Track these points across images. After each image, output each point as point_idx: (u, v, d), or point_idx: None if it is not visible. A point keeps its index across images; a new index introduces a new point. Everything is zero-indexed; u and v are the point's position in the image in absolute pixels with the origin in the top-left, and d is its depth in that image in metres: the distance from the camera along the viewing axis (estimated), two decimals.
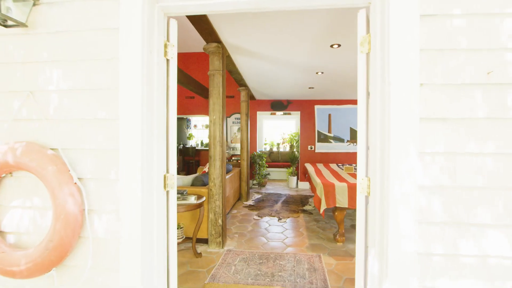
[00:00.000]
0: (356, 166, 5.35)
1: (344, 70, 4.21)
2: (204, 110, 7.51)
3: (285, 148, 9.07)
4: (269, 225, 4.09)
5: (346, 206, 3.04)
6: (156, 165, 1.42)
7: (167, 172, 1.56)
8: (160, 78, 1.46)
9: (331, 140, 6.97)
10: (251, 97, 6.67)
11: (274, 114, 8.60)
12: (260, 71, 4.37)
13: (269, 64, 3.99)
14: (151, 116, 1.41)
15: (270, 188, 6.97)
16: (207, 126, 9.21)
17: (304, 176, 5.80)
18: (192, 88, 6.34)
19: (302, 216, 4.55)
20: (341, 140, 6.95)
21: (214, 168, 3.18)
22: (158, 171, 1.45)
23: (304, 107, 7.08)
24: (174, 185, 1.61)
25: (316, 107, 7.01)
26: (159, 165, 1.45)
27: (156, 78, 1.41)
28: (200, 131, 9.56)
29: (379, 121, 1.26)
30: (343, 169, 4.85)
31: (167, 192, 1.58)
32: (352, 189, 3.04)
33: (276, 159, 8.74)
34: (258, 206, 5.12)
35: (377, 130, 1.27)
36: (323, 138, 6.99)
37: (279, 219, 4.36)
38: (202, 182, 3.59)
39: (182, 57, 7.58)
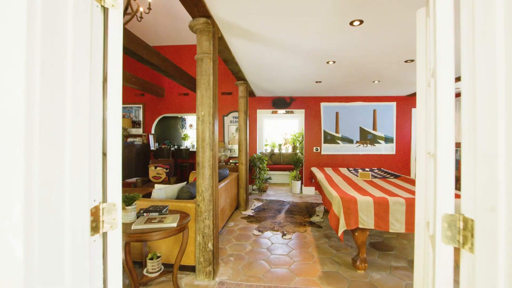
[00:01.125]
0: (373, 172, 4.66)
1: (361, 57, 3.53)
2: None
3: (287, 149, 8.39)
4: (272, 243, 3.41)
5: (372, 227, 2.35)
6: (75, 190, 0.73)
7: (104, 200, 0.88)
8: (86, 40, 0.77)
9: (339, 141, 6.28)
10: (250, 93, 5.99)
11: (276, 112, 7.91)
12: (261, 61, 3.68)
13: (271, 51, 3.31)
14: (60, 102, 0.71)
15: (271, 194, 6.28)
16: None
17: (310, 181, 5.13)
18: (185, 83, 5.66)
19: (310, 230, 3.86)
20: (350, 141, 6.26)
21: (203, 178, 2.49)
22: (79, 200, 0.75)
23: (309, 105, 6.39)
24: (117, 222, 0.92)
25: (322, 104, 6.33)
26: (80, 189, 0.75)
27: (73, 38, 0.72)
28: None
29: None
30: (357, 175, 4.16)
31: (104, 235, 0.90)
32: (379, 205, 2.35)
33: (278, 162, 8.05)
34: (258, 217, 4.44)
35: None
36: (330, 139, 6.30)
37: (283, 234, 3.68)
38: (189, 194, 2.91)
39: (174, 50, 6.89)
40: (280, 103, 6.42)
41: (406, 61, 3.68)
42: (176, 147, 7.79)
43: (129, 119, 6.85)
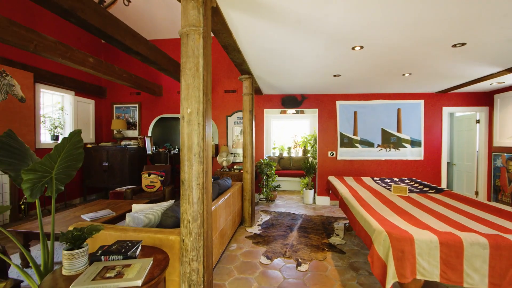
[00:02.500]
0: (404, 182, 3.83)
1: (396, 40, 2.73)
2: None
3: (297, 153, 7.59)
4: (284, 277, 2.63)
5: (437, 280, 1.56)
6: None
7: None
8: None
9: (357, 145, 5.46)
10: (256, 91, 5.24)
11: (285, 112, 7.14)
12: (269, 46, 2.93)
13: (283, 33, 2.55)
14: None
15: (280, 205, 5.50)
16: None
17: (326, 192, 4.34)
18: None
19: (330, 257, 3.08)
20: (370, 145, 5.44)
21: (189, 203, 1.75)
22: None
23: (323, 104, 5.60)
24: None
25: (339, 103, 5.52)
26: None
27: None
28: None
29: None
30: (388, 189, 3.35)
31: None
32: (449, 248, 1.56)
33: (287, 167, 7.27)
34: (266, 237, 3.67)
35: None
36: (347, 142, 5.49)
37: (298, 264, 2.90)
38: (175, 219, 2.17)
39: (173, 44, 6.20)
40: (290, 101, 5.64)
41: (454, 45, 2.86)
42: (176, 150, 7.10)
43: (123, 120, 6.18)
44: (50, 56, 3.43)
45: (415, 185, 3.67)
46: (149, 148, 6.22)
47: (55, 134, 5.37)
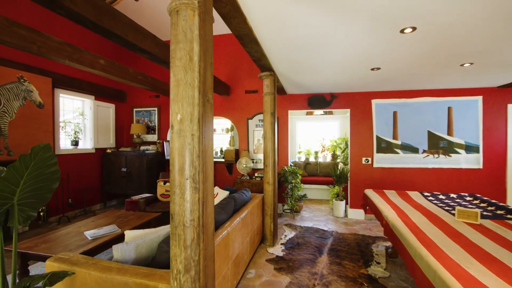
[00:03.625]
0: (463, 198, 3.03)
1: (460, 19, 2.01)
2: (219, 110, 5.68)
3: (325, 157, 6.87)
4: None
5: None
6: None
7: None
8: None
9: (398, 150, 4.65)
10: (279, 90, 4.66)
11: (311, 113, 6.47)
12: (295, 33, 2.35)
13: (314, 13, 1.96)
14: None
15: (307, 217, 4.86)
16: (227, 130, 7.40)
17: (363, 207, 3.64)
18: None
19: None
20: (414, 150, 4.60)
21: (181, 246, 1.23)
22: None
23: (356, 103, 4.86)
24: None
25: (375, 102, 4.75)
26: None
27: None
28: (220, 136, 7.79)
29: None
30: (449, 211, 2.58)
31: None
32: None
33: (314, 173, 6.58)
34: (290, 261, 3.08)
35: None
36: (386, 147, 4.70)
37: None
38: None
39: None
40: (318, 101, 4.98)
41: None
42: None
43: (142, 125, 5.94)
44: (55, 58, 3.16)
45: (482, 204, 2.86)
46: (168, 153, 5.92)
47: (75, 139, 5.26)
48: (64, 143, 5.14)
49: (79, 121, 5.43)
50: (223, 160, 5.60)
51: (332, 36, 2.40)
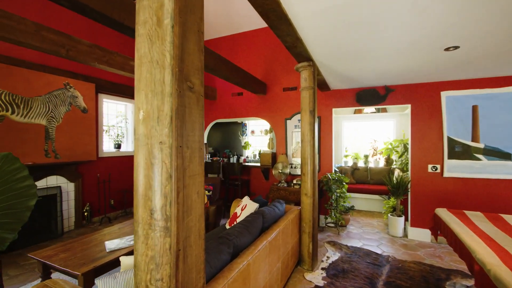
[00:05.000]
0: None
1: None
2: (254, 111, 5.23)
3: (377, 162, 5.89)
4: None
5: None
6: None
7: None
8: None
9: (480, 156, 3.56)
10: (321, 84, 3.99)
11: (360, 111, 5.58)
12: (334, 1, 1.74)
13: None
14: None
15: (355, 233, 4.07)
16: (266, 132, 6.94)
17: (433, 232, 2.77)
18: (239, 81, 4.14)
19: None
20: (504, 156, 3.46)
21: None
22: None
23: (419, 97, 3.91)
24: None
25: (446, 94, 3.74)
26: None
27: None
28: (258, 138, 7.37)
29: None
30: None
31: None
32: None
33: (364, 180, 5.67)
34: None
35: None
36: (461, 152, 3.65)
37: None
38: None
39: (226, 41, 5.53)
40: (369, 97, 4.15)
41: None
42: (236, 157, 6.40)
43: None
44: (85, 61, 3.08)
45: None
46: (204, 157, 5.69)
47: (117, 142, 5.37)
48: (108, 146, 5.28)
49: (122, 125, 5.55)
50: (259, 164, 5.13)
51: (388, 4, 1.71)
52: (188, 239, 0.81)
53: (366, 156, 5.95)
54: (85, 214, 4.67)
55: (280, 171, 4.37)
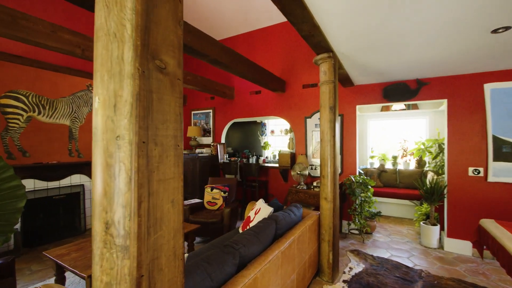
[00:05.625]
0: None
1: None
2: (273, 109, 5.01)
3: (407, 164, 5.38)
4: None
5: None
6: None
7: None
8: None
9: None
10: (344, 79, 3.68)
11: (388, 109, 5.13)
12: None
13: None
14: None
15: (382, 242, 3.69)
16: (286, 132, 6.68)
17: (477, 246, 2.37)
18: (256, 78, 3.97)
19: None
20: None
21: None
22: None
23: (457, 90, 3.44)
24: None
25: (490, 87, 3.25)
26: None
27: None
28: (278, 138, 7.13)
29: None
30: None
31: None
32: None
33: (392, 183, 5.21)
34: None
35: None
36: (510, 153, 3.14)
37: None
38: None
39: (243, 39, 5.38)
40: (398, 91, 3.75)
41: None
42: (255, 157, 6.23)
43: (198, 127, 5.79)
44: None
45: None
46: (221, 157, 5.59)
47: None
48: None
49: None
50: (277, 165, 4.91)
51: None
52: (156, 261, 0.64)
53: (395, 158, 5.46)
54: None
55: (299, 172, 4.11)
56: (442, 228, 3.67)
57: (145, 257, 0.60)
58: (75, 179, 4.33)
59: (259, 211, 2.68)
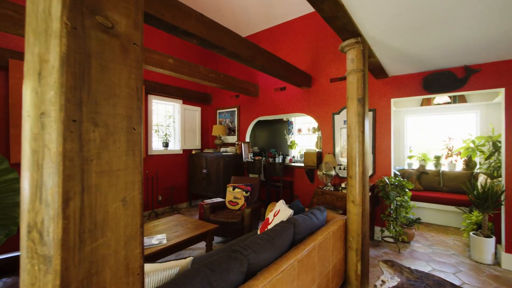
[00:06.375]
0: None
1: None
2: (298, 106, 4.75)
3: (453, 166, 4.73)
4: None
5: None
6: None
7: None
8: None
9: None
10: (375, 69, 3.30)
11: (429, 102, 4.56)
12: None
13: None
14: None
15: (421, 253, 3.23)
16: (314, 130, 6.36)
17: None
18: (279, 72, 3.77)
19: None
20: None
21: None
22: None
23: None
24: None
25: None
26: None
27: None
28: (306, 137, 6.82)
29: None
30: None
31: None
32: None
33: (434, 186, 4.61)
34: None
35: None
36: None
37: None
38: None
39: (267, 34, 5.20)
40: (442, 81, 3.25)
41: None
42: (281, 157, 6.01)
43: (222, 126, 5.74)
44: None
45: None
46: (246, 156, 5.46)
47: (165, 141, 5.56)
48: (157, 145, 5.49)
49: (169, 124, 5.74)
50: (302, 165, 4.63)
51: None
52: (95, 277, 0.49)
53: (438, 158, 4.83)
54: None
55: (324, 172, 3.80)
56: (498, 241, 3.09)
57: (75, 272, 0.46)
58: None
59: (278, 213, 2.47)
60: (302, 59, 4.62)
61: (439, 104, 4.40)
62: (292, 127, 6.98)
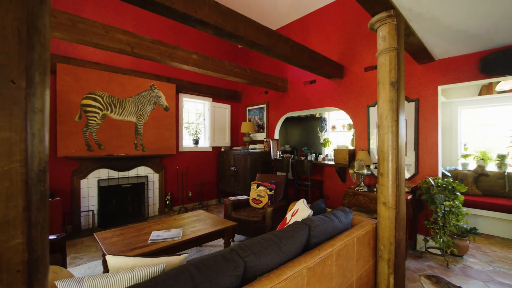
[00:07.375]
0: None
1: None
2: (329, 99, 4.37)
3: None
4: None
5: None
6: None
7: None
8: None
9: None
10: (415, 51, 2.81)
11: (489, 90, 3.81)
12: None
13: None
14: None
15: (477, 270, 2.64)
16: (350, 127, 5.87)
17: None
18: (306, 62, 3.50)
19: None
20: None
21: None
22: None
23: None
24: None
25: None
26: None
27: None
28: (340, 134, 6.33)
29: None
30: None
31: None
32: None
33: (496, 190, 3.83)
34: None
35: None
36: None
37: None
38: None
39: (296, 25, 4.92)
40: (505, 61, 2.63)
41: None
42: (314, 155, 5.65)
43: (251, 123, 5.61)
44: (148, 57, 3.19)
45: None
46: (274, 153, 5.25)
47: (195, 138, 5.65)
48: (188, 142, 5.61)
49: (199, 122, 5.82)
50: (333, 163, 4.25)
51: None
52: None
53: (502, 157, 4.00)
54: (167, 202, 5.05)
55: (356, 171, 3.39)
56: None
57: None
58: (141, 170, 4.73)
59: (297, 212, 2.23)
60: (333, 48, 4.24)
61: (503, 91, 3.62)
62: (326, 124, 6.54)
